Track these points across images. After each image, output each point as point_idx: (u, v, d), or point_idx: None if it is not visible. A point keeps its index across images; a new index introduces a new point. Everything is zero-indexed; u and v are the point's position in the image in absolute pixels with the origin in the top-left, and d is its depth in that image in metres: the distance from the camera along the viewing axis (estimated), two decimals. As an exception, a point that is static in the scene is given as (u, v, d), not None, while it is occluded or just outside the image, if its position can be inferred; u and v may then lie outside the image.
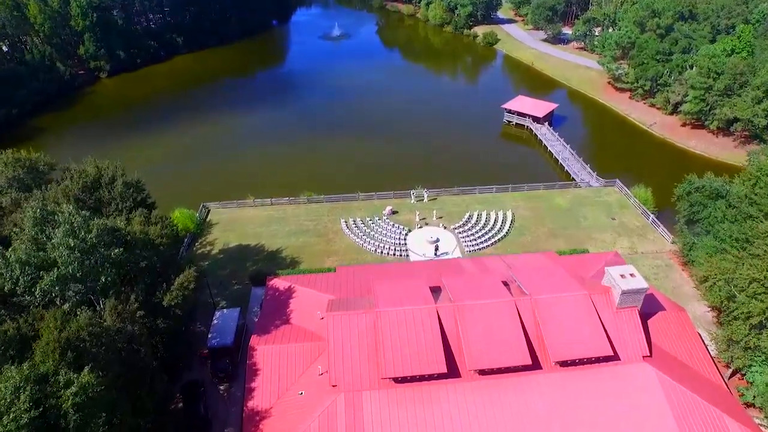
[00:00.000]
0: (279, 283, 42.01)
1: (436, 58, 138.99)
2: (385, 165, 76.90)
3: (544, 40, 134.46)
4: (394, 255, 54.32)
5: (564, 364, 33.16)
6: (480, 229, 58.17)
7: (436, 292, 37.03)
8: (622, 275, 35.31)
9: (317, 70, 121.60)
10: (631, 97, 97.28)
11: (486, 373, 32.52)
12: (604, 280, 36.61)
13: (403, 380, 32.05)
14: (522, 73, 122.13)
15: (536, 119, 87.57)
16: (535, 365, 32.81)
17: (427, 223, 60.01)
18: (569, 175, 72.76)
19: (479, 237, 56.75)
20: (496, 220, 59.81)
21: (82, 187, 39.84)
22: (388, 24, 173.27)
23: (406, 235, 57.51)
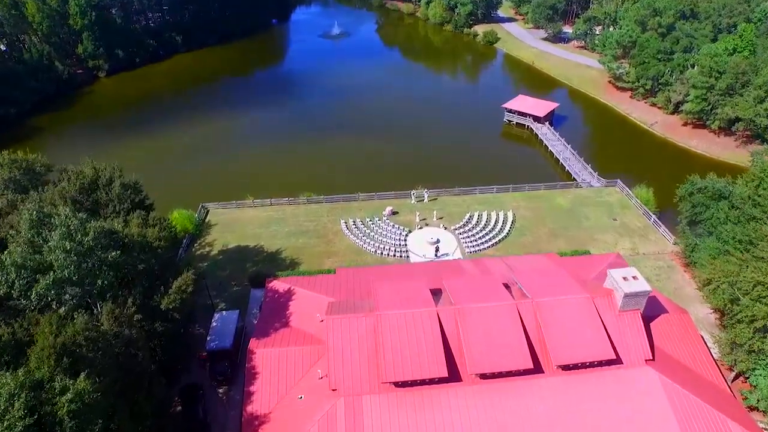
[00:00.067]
0: (278, 285, 41.65)
1: (436, 57, 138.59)
2: (385, 165, 76.46)
3: (545, 39, 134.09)
4: (395, 256, 53.96)
5: (566, 368, 32.82)
6: (481, 230, 57.85)
7: (436, 294, 36.67)
8: (624, 278, 34.96)
9: (317, 69, 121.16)
10: (632, 97, 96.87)
11: (487, 377, 32.20)
12: (607, 283, 36.25)
13: (404, 384, 31.70)
14: (522, 72, 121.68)
15: (537, 119, 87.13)
16: (536, 369, 32.45)
17: (427, 224, 59.65)
18: (570, 175, 72.38)
19: (480, 238, 56.41)
20: (496, 221, 59.45)
21: (80, 189, 39.40)
22: (387, 22, 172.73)
23: (407, 235, 57.16)
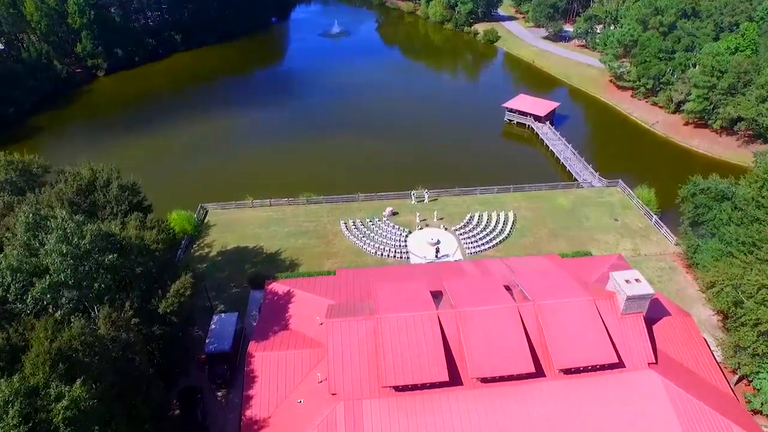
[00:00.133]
0: (278, 287, 41.28)
1: (437, 56, 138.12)
2: (385, 165, 76.04)
3: (545, 38, 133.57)
4: (395, 257, 53.61)
5: (568, 371, 32.47)
6: (481, 231, 57.50)
7: (437, 296, 36.30)
8: (627, 280, 34.59)
9: (316, 67, 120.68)
10: (633, 96, 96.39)
11: (488, 381, 31.87)
12: (609, 285, 35.92)
13: (404, 388, 31.38)
14: (523, 71, 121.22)
15: (537, 118, 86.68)
16: (538, 373, 32.12)
17: (427, 225, 59.28)
18: (571, 175, 71.97)
19: (480, 239, 56.06)
20: (497, 221, 59.09)
21: (77, 191, 39.01)
22: (387, 21, 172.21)
23: (407, 236, 56.81)
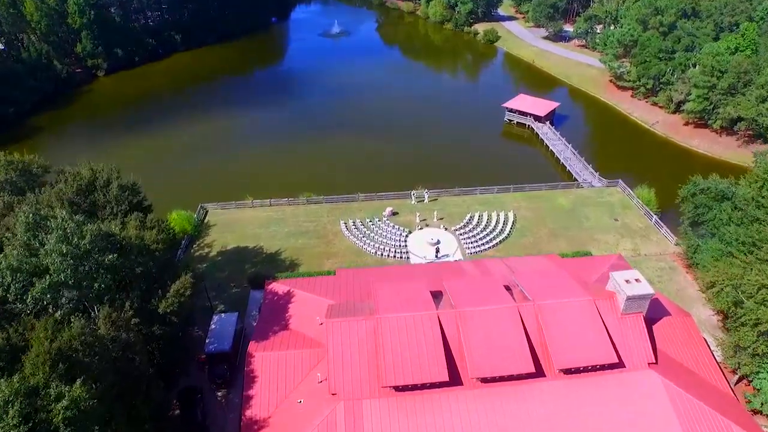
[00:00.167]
0: (278, 287, 41.28)
1: (437, 56, 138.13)
2: (385, 165, 76.04)
3: (545, 38, 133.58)
4: (395, 257, 53.62)
5: (568, 371, 32.47)
6: (481, 231, 57.49)
7: (437, 296, 36.31)
8: (627, 280, 34.59)
9: (316, 68, 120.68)
10: (633, 96, 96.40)
11: (488, 381, 31.87)
12: (609, 285, 35.92)
13: (404, 388, 31.39)
14: (523, 71, 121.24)
15: (537, 118, 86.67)
16: (538, 373, 32.12)
17: (427, 225, 59.28)
18: (571, 175, 71.97)
19: (480, 238, 56.06)
20: (497, 221, 59.09)
21: (77, 191, 39.01)
22: (387, 21, 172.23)
23: (407, 236, 56.81)
